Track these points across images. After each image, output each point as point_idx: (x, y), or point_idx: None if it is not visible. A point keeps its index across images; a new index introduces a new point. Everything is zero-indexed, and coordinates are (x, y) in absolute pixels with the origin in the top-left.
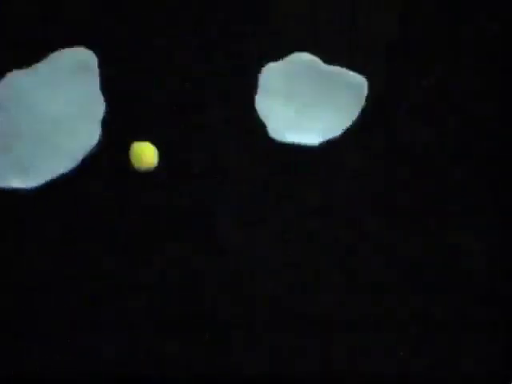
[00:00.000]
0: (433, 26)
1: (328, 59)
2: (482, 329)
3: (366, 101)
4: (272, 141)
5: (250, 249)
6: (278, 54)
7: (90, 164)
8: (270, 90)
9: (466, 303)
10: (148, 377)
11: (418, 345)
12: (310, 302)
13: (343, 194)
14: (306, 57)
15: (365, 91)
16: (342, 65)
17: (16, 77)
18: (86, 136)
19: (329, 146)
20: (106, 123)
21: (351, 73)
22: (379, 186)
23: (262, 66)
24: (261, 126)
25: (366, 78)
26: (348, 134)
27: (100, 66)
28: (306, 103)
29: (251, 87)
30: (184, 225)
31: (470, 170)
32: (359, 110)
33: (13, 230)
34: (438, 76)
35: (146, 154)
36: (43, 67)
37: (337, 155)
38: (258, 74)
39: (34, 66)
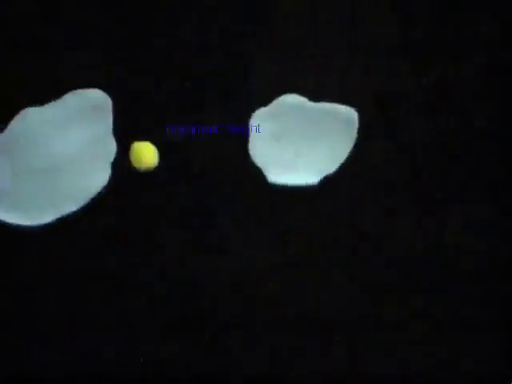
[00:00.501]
0: (433, 26)
1: (327, 62)
2: (482, 329)
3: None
4: (270, 185)
5: (250, 249)
6: (278, 55)
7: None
8: (262, 135)
9: (466, 303)
10: (148, 377)
11: (418, 345)
12: (310, 302)
13: (344, 196)
14: (292, 99)
15: (356, 123)
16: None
17: (30, 114)
18: (96, 178)
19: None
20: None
21: (340, 106)
22: (379, 185)
23: (263, 66)
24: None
25: (366, 78)
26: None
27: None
28: (299, 144)
29: (251, 88)
30: (184, 225)
31: (470, 170)
32: (353, 141)
33: (12, 228)
34: (438, 76)
35: (145, 154)
36: (57, 107)
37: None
38: (256, 78)
39: (48, 105)
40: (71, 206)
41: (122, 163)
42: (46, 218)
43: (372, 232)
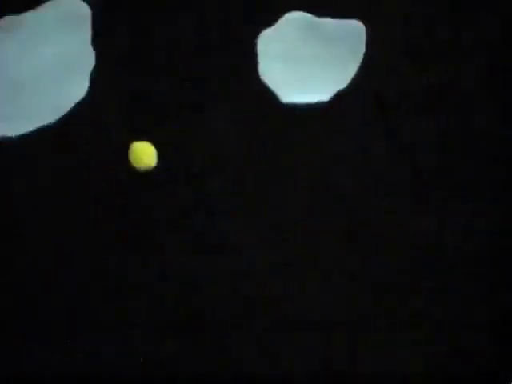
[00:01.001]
0: (433, 26)
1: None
2: (481, 329)
3: (367, 46)
4: (282, 105)
5: (250, 249)
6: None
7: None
8: (270, 56)
9: (466, 303)
10: (148, 377)
11: (418, 345)
12: (310, 302)
13: (344, 183)
14: (297, 15)
15: (363, 36)
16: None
17: (6, 22)
18: (74, 88)
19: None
20: (106, 123)
21: (346, 20)
22: (379, 185)
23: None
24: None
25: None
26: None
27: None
28: (307, 62)
29: (251, 88)
30: (184, 225)
31: (470, 169)
32: (361, 56)
33: (12, 228)
34: (437, 76)
35: (145, 154)
36: (34, 15)
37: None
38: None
39: (24, 14)
40: (50, 117)
41: (121, 163)
42: (23, 128)
43: (372, 232)
